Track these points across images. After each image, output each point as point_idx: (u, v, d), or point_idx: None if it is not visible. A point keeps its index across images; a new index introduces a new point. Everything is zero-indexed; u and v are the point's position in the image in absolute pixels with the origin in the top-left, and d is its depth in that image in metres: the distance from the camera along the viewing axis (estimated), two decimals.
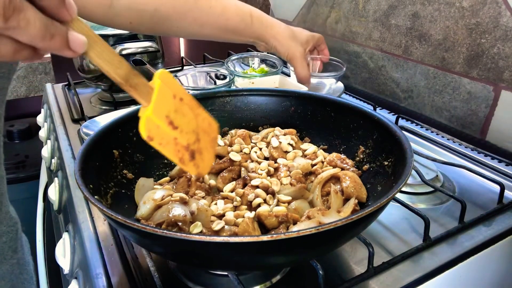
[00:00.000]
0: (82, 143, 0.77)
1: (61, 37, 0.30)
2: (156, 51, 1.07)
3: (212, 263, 0.44)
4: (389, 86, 1.03)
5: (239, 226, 0.45)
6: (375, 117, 0.56)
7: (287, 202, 0.51)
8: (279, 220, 0.47)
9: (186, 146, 0.40)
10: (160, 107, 0.37)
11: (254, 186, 0.52)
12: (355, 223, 0.37)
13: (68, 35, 0.31)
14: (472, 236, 0.57)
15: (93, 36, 0.33)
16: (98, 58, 0.34)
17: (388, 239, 0.57)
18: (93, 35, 0.33)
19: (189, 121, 0.41)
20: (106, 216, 0.40)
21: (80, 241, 0.58)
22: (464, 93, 0.85)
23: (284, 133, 0.64)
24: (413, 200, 0.66)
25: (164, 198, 0.50)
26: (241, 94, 0.69)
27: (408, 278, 0.50)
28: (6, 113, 0.65)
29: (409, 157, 0.46)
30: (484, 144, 0.82)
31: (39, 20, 0.28)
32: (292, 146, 0.61)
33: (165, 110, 0.38)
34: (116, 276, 0.51)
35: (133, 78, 0.36)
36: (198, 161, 0.42)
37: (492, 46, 0.78)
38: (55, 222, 0.85)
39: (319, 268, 0.45)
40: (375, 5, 1.02)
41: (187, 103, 0.41)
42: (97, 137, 0.52)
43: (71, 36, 0.31)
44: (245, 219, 0.46)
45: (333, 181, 0.55)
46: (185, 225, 0.46)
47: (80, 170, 0.45)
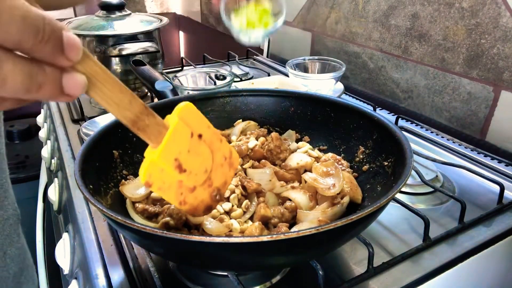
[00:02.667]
0: (82, 144, 0.77)
1: (52, 85, 0.25)
2: (156, 51, 1.07)
3: (212, 264, 0.44)
4: (389, 87, 1.03)
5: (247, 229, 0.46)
6: (375, 118, 0.57)
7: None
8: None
9: (192, 188, 0.38)
10: (170, 150, 0.34)
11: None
12: (355, 223, 0.37)
13: (63, 79, 0.26)
14: (472, 236, 0.57)
15: (100, 74, 0.29)
16: (102, 100, 0.30)
17: (388, 239, 0.57)
18: (100, 73, 0.29)
19: (203, 160, 0.38)
20: (106, 217, 0.40)
21: (80, 241, 0.58)
22: (464, 93, 0.85)
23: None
24: (413, 200, 0.66)
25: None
26: (241, 95, 0.69)
27: (408, 278, 0.50)
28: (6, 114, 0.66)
29: (409, 158, 0.46)
30: (484, 144, 0.82)
31: (20, 74, 0.23)
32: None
33: (176, 153, 0.35)
34: (116, 276, 0.51)
35: (144, 119, 0.32)
36: (200, 203, 0.40)
37: (492, 46, 0.78)
38: (55, 223, 0.85)
39: (319, 268, 0.45)
40: (375, 5, 1.02)
41: (206, 139, 0.38)
42: (97, 138, 0.52)
43: (66, 79, 0.26)
44: (254, 223, 0.47)
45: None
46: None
47: (80, 171, 0.45)
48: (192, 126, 0.36)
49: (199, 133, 0.37)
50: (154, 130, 0.33)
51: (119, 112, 0.31)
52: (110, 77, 0.29)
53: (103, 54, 1.03)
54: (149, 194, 0.53)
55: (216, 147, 0.40)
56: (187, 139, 0.36)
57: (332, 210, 0.49)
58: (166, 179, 0.35)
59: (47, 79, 0.25)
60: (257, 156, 0.59)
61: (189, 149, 0.36)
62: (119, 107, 0.30)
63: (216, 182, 0.41)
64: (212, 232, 0.46)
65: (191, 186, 0.38)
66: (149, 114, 0.33)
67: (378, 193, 0.51)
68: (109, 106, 0.30)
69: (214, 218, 0.48)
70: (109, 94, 0.30)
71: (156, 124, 0.33)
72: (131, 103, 0.31)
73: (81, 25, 1.06)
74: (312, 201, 0.52)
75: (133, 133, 0.32)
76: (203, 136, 0.37)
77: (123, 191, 0.52)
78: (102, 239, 0.57)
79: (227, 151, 0.42)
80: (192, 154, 0.36)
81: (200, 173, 0.38)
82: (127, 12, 1.11)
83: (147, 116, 0.32)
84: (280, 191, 0.54)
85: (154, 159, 0.33)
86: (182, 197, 0.38)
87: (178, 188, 0.37)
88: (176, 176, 0.36)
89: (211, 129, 0.39)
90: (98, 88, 0.29)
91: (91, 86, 0.28)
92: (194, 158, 0.37)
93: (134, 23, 1.08)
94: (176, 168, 0.35)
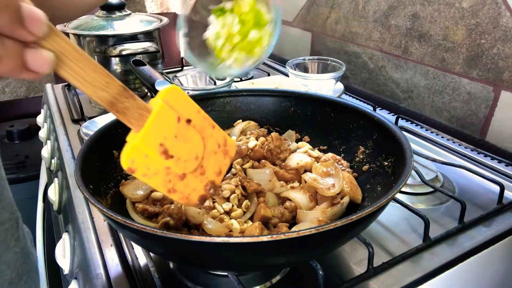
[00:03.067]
0: (82, 144, 0.77)
1: (13, 59, 0.24)
2: (156, 51, 1.07)
3: (212, 264, 0.44)
4: (389, 87, 1.03)
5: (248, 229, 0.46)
6: (375, 118, 0.57)
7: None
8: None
9: (182, 175, 0.36)
10: (153, 134, 0.33)
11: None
12: (354, 223, 0.37)
13: (26, 54, 0.25)
14: (472, 236, 0.57)
15: (71, 51, 0.28)
16: (74, 79, 0.29)
17: (388, 239, 0.57)
18: (70, 51, 0.28)
19: (192, 146, 0.37)
20: (106, 217, 0.40)
21: (80, 241, 0.58)
22: (464, 93, 0.85)
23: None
24: (413, 200, 0.66)
25: None
26: (241, 95, 0.69)
27: (408, 278, 0.50)
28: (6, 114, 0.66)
29: (409, 158, 0.46)
30: (484, 144, 0.82)
31: None
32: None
33: (160, 137, 0.34)
34: (116, 276, 0.51)
35: (123, 101, 0.31)
36: (192, 192, 0.38)
37: (492, 46, 0.78)
38: (55, 223, 0.85)
39: (319, 268, 0.45)
40: (375, 5, 1.02)
41: (196, 125, 0.36)
42: (97, 138, 0.52)
43: (30, 55, 0.25)
44: (254, 223, 0.47)
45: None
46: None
47: (80, 171, 0.45)
48: (179, 111, 0.35)
49: (187, 118, 0.35)
50: (135, 113, 0.32)
51: (94, 92, 0.30)
52: (83, 56, 0.28)
53: (103, 54, 1.03)
54: (149, 194, 0.53)
55: (208, 134, 0.38)
56: (173, 124, 0.34)
57: (332, 210, 0.49)
58: (151, 166, 0.34)
59: (6, 52, 0.24)
60: (257, 156, 0.59)
61: (176, 134, 0.35)
62: (93, 87, 0.30)
63: (209, 170, 0.39)
64: (212, 232, 0.46)
65: (180, 173, 0.36)
66: (129, 96, 0.32)
67: (378, 193, 0.52)
68: (82, 86, 0.29)
69: (214, 218, 0.48)
70: (82, 73, 0.29)
71: (137, 107, 0.32)
72: (108, 84, 0.30)
73: (81, 25, 1.06)
74: (312, 201, 0.52)
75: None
76: (193, 121, 0.36)
77: (123, 191, 0.52)
78: (102, 239, 0.57)
79: (220, 138, 0.40)
80: (179, 140, 0.35)
81: (190, 160, 0.36)
82: (127, 12, 1.11)
83: (127, 98, 0.32)
84: (280, 191, 0.54)
85: (136, 143, 0.32)
86: (171, 185, 0.36)
87: (166, 175, 0.35)
88: (162, 163, 0.34)
89: (201, 114, 0.37)
90: (69, 66, 0.28)
91: (60, 64, 0.28)
92: (182, 144, 0.35)
93: (134, 23, 1.08)
94: (162, 153, 0.34)
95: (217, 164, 0.40)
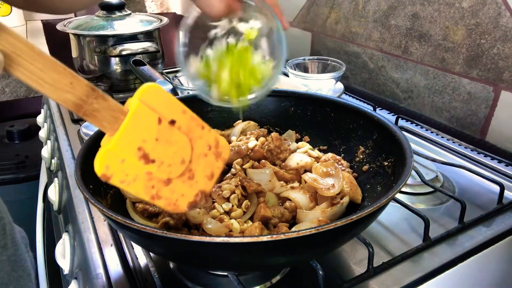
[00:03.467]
0: (82, 144, 0.77)
1: None
2: (156, 51, 1.07)
3: (212, 264, 0.44)
4: (389, 87, 1.03)
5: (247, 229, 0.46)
6: (375, 118, 0.57)
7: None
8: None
9: (166, 180, 0.34)
10: (129, 137, 0.30)
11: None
12: (355, 223, 0.37)
13: None
14: (472, 236, 0.57)
15: (25, 51, 0.25)
16: (29, 79, 0.26)
17: (388, 239, 0.57)
18: (24, 50, 0.25)
19: (177, 150, 0.34)
20: (106, 217, 0.40)
21: (80, 241, 0.58)
22: (464, 93, 0.85)
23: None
24: (413, 200, 0.66)
25: None
26: None
27: (408, 278, 0.50)
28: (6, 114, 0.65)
29: (409, 158, 0.46)
30: (484, 144, 0.82)
31: None
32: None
33: (138, 141, 0.31)
34: (116, 276, 0.51)
35: (92, 103, 0.28)
36: (180, 197, 0.36)
37: (492, 46, 0.78)
38: (55, 223, 0.85)
39: (319, 268, 0.45)
40: (375, 5, 1.02)
41: (181, 126, 0.34)
42: (97, 138, 0.52)
43: None
44: (254, 223, 0.47)
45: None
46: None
47: (80, 171, 0.45)
48: (160, 111, 0.32)
49: (170, 119, 0.33)
50: (107, 115, 0.29)
51: (56, 94, 0.27)
52: (40, 55, 0.26)
53: (103, 54, 1.03)
54: None
55: (196, 135, 0.35)
56: (153, 126, 0.32)
57: (332, 210, 0.49)
58: (129, 171, 0.31)
59: None
60: (257, 156, 0.59)
61: (157, 137, 0.32)
62: (55, 88, 0.27)
63: (199, 174, 0.36)
64: (212, 232, 0.46)
65: (164, 178, 0.34)
66: (98, 97, 0.29)
67: (378, 193, 0.52)
68: (41, 88, 0.27)
69: (214, 218, 0.48)
70: (40, 74, 0.26)
71: (109, 108, 0.30)
72: (72, 85, 0.28)
73: (81, 25, 1.06)
74: (312, 201, 0.52)
75: None
76: (177, 122, 0.33)
77: (123, 191, 0.52)
78: (102, 239, 0.57)
79: (211, 139, 0.37)
80: (161, 143, 0.32)
81: (174, 164, 0.34)
82: (127, 12, 1.11)
83: (96, 99, 0.29)
84: (280, 191, 0.54)
85: (109, 147, 0.30)
86: (154, 191, 0.33)
87: (148, 181, 0.33)
88: (142, 167, 0.32)
89: (187, 114, 0.35)
90: (23, 67, 0.25)
91: (12, 64, 0.25)
92: (165, 147, 0.33)
93: (134, 23, 1.08)
94: (141, 158, 0.31)
95: (207, 167, 0.37)
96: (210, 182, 0.38)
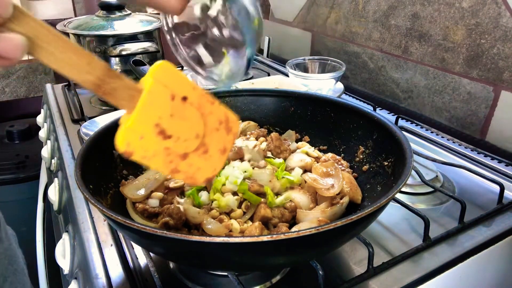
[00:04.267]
0: (82, 144, 0.77)
1: None
2: (156, 51, 1.07)
3: (212, 264, 0.44)
4: (389, 87, 1.03)
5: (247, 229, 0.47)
6: (375, 118, 0.56)
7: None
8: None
9: (183, 155, 0.35)
10: (147, 114, 0.32)
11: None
12: (354, 223, 0.37)
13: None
14: (472, 236, 0.57)
15: (46, 34, 0.27)
16: (52, 62, 0.27)
17: (388, 239, 0.57)
18: (46, 34, 0.26)
19: (191, 125, 0.35)
20: (106, 217, 0.40)
21: (80, 241, 0.58)
22: (464, 93, 0.85)
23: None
24: (413, 200, 0.66)
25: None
26: (241, 95, 0.69)
27: (408, 278, 0.50)
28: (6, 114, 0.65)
29: (409, 158, 0.46)
30: (484, 144, 0.82)
31: None
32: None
33: (155, 117, 0.32)
34: (116, 276, 0.51)
35: (110, 82, 0.30)
36: (196, 171, 0.37)
37: (492, 46, 0.78)
38: (55, 223, 0.85)
39: (319, 268, 0.45)
40: (375, 5, 1.02)
41: (193, 102, 0.35)
42: (97, 138, 0.52)
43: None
44: (255, 223, 0.47)
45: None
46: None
47: (80, 171, 0.45)
48: (172, 88, 0.33)
49: (182, 96, 0.34)
50: (124, 94, 0.31)
51: (77, 75, 0.29)
52: (59, 38, 0.27)
53: (103, 54, 1.03)
54: (149, 195, 0.53)
55: (207, 111, 0.36)
56: (167, 102, 0.33)
57: (332, 210, 0.49)
58: (148, 147, 0.33)
59: None
60: None
61: (171, 113, 0.33)
62: (75, 70, 0.28)
63: (212, 148, 0.38)
64: (212, 232, 0.46)
65: (181, 152, 0.35)
66: (115, 77, 0.30)
67: (378, 193, 0.51)
68: (63, 70, 0.28)
69: (214, 218, 0.48)
70: (61, 56, 0.27)
71: (126, 87, 0.31)
72: (90, 65, 0.29)
73: (81, 25, 1.06)
74: (312, 202, 0.52)
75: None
76: (189, 98, 0.34)
77: (123, 191, 0.52)
78: (102, 239, 0.57)
79: (222, 114, 0.38)
80: (176, 119, 0.33)
81: (190, 139, 0.35)
82: (127, 12, 1.11)
83: (113, 79, 0.30)
84: (280, 191, 0.54)
85: (129, 125, 0.31)
86: (173, 165, 0.35)
87: (166, 156, 0.34)
88: (160, 143, 0.33)
89: (197, 90, 0.36)
90: (45, 50, 0.27)
91: (36, 48, 0.26)
92: (180, 123, 0.34)
93: (134, 23, 1.08)
94: (159, 134, 0.33)
95: (220, 141, 0.39)
96: (223, 156, 0.39)
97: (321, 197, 0.52)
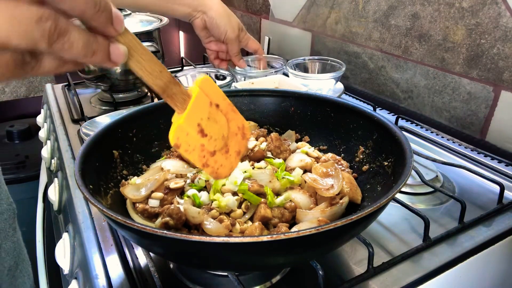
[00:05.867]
0: (82, 144, 0.77)
1: (102, 52, 0.31)
2: (156, 51, 1.07)
3: (212, 264, 0.44)
4: (389, 87, 1.03)
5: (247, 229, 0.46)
6: (375, 118, 0.56)
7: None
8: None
9: (213, 152, 0.42)
10: (193, 115, 0.38)
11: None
12: (354, 223, 0.37)
13: (110, 47, 0.31)
14: (472, 236, 0.57)
15: (137, 46, 0.33)
16: (138, 69, 0.34)
17: (388, 239, 0.57)
18: (137, 45, 0.33)
19: (220, 127, 0.42)
20: (106, 217, 0.40)
21: (80, 241, 0.58)
22: (464, 93, 0.85)
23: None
24: (413, 200, 0.66)
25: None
26: (241, 95, 0.69)
27: (408, 278, 0.50)
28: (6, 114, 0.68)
29: (409, 158, 0.46)
30: (484, 144, 0.82)
31: (82, 40, 0.29)
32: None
33: (198, 118, 0.39)
34: (116, 276, 0.51)
35: (172, 88, 0.37)
36: (220, 167, 0.44)
37: (492, 46, 0.78)
38: (55, 222, 0.85)
39: (319, 268, 0.45)
40: (375, 5, 1.02)
41: (222, 109, 0.42)
42: (97, 138, 0.52)
43: (113, 48, 0.31)
44: (255, 223, 0.47)
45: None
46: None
47: (80, 171, 0.45)
48: (210, 96, 0.40)
49: (216, 103, 0.41)
50: (180, 97, 0.37)
51: (152, 80, 0.35)
52: (144, 49, 0.34)
53: None
54: (149, 195, 0.53)
55: (231, 117, 0.44)
56: (206, 107, 0.40)
57: (332, 210, 0.49)
58: (191, 142, 0.39)
59: (99, 46, 0.30)
60: (257, 156, 0.59)
61: (208, 116, 0.40)
62: (152, 76, 0.35)
63: (232, 149, 0.45)
64: (212, 232, 0.46)
65: (211, 150, 0.41)
66: (175, 84, 0.37)
67: (378, 193, 0.51)
68: (144, 75, 0.34)
69: (214, 218, 0.48)
70: (144, 64, 0.34)
71: (181, 92, 0.37)
72: (161, 73, 0.35)
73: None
74: (312, 202, 0.52)
75: (133, 133, 0.33)
76: (220, 105, 0.42)
77: (123, 192, 0.52)
78: (102, 239, 0.57)
79: (240, 122, 0.45)
80: (211, 121, 0.41)
81: (219, 139, 0.42)
82: (127, 12, 1.11)
83: (174, 85, 0.37)
84: (280, 191, 0.54)
85: (180, 122, 0.37)
86: (205, 160, 0.41)
87: (201, 151, 0.40)
88: (199, 140, 0.40)
89: (226, 100, 0.43)
90: (135, 58, 0.33)
91: (130, 57, 0.33)
92: (213, 125, 0.41)
93: (134, 23, 1.08)
94: (199, 132, 0.39)
95: (237, 144, 0.45)
96: (238, 157, 0.46)
97: (321, 197, 0.52)
